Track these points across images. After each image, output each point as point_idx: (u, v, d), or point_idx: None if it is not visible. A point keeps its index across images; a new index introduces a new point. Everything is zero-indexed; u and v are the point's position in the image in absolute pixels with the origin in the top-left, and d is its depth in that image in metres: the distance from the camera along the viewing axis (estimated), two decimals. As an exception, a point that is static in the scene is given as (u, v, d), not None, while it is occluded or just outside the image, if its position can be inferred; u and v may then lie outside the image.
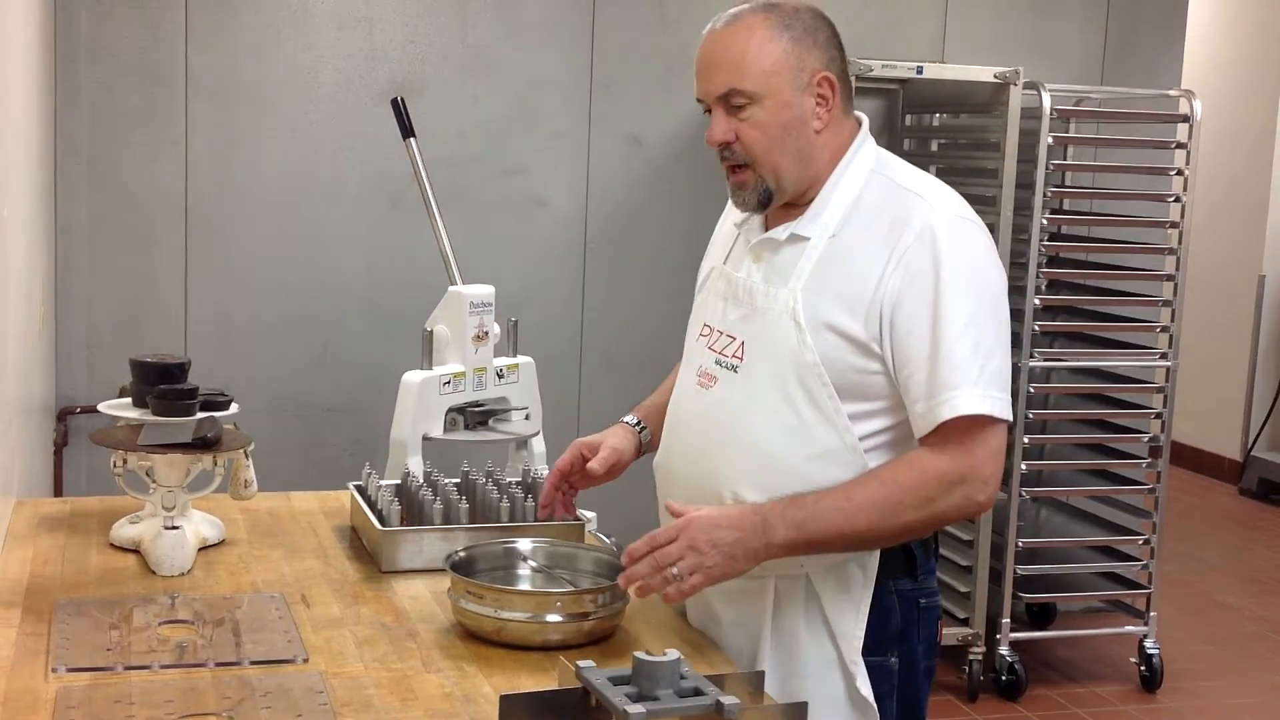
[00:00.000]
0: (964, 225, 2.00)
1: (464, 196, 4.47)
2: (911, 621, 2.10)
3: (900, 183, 2.04)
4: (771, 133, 2.00)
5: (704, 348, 2.13)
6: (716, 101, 2.02)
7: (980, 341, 1.94)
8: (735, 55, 2.00)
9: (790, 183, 2.04)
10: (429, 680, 1.89)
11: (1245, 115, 7.63)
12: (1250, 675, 4.99)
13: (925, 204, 2.00)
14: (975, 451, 1.93)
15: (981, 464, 1.94)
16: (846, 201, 2.03)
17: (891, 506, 1.94)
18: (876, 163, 2.08)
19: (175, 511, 2.33)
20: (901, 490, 1.93)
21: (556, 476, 2.32)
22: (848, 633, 2.05)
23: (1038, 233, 4.42)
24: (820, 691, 2.02)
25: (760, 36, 2.00)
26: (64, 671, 1.83)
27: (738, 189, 2.07)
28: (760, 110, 2.00)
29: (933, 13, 4.93)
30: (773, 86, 1.99)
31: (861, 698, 2.04)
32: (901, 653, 2.10)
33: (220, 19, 4.28)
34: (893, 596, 2.07)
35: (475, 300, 3.17)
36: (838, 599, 2.05)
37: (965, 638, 4.55)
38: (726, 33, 2.02)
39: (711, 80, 2.02)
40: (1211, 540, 6.69)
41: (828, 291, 1.99)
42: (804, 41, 2.02)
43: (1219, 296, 7.65)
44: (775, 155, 2.02)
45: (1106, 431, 4.82)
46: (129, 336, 4.23)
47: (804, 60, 2.01)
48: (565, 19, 4.59)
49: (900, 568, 2.08)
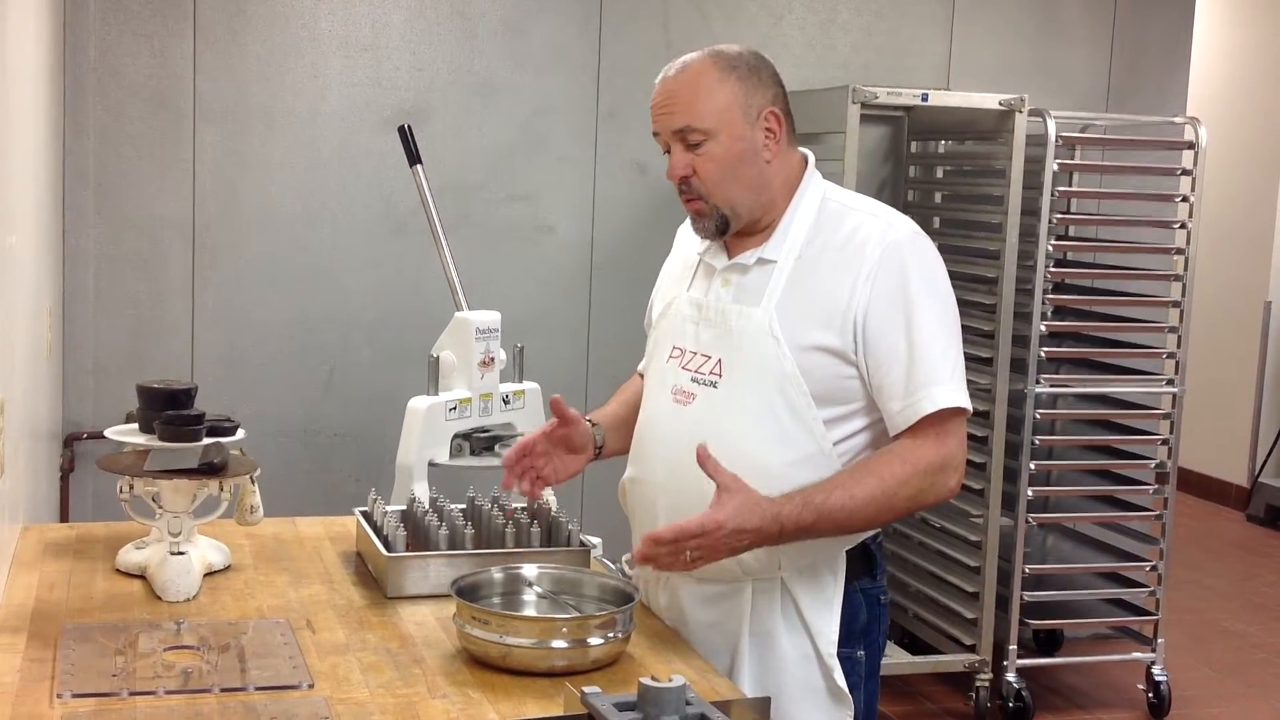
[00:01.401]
0: (921, 240, 2.18)
1: (470, 223, 4.49)
2: (874, 617, 2.27)
3: (853, 206, 2.23)
4: (726, 165, 2.17)
5: (677, 368, 2.27)
6: (674, 139, 2.19)
7: (949, 342, 2.14)
8: (688, 96, 2.17)
9: (745, 209, 2.20)
10: (434, 706, 1.88)
11: (1251, 142, 7.64)
12: (1258, 702, 4.97)
13: (882, 222, 2.18)
14: (949, 441, 2.12)
15: (956, 451, 2.13)
16: (806, 225, 2.20)
17: (888, 499, 2.09)
18: (825, 192, 2.25)
19: (181, 537, 2.33)
20: (896, 483, 2.09)
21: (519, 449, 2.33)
22: (823, 629, 2.20)
23: (1043, 259, 4.43)
24: (799, 685, 2.19)
25: (709, 78, 2.17)
26: (69, 697, 1.83)
27: (696, 217, 2.23)
28: (715, 145, 2.16)
29: (938, 40, 4.95)
30: (724, 122, 2.16)
31: (839, 689, 2.20)
32: (866, 646, 2.26)
33: (228, 46, 4.31)
34: (859, 595, 2.24)
35: (481, 326, 3.18)
36: (812, 598, 2.21)
37: (972, 664, 4.54)
38: (679, 78, 2.19)
39: (668, 119, 2.20)
40: (1218, 567, 6.68)
41: (800, 307, 2.15)
42: (749, 80, 2.18)
43: (1225, 322, 7.65)
44: (729, 185, 2.19)
45: (1113, 458, 4.81)
46: (136, 362, 4.24)
47: (751, 97, 2.18)
48: (571, 46, 4.61)
49: (862, 568, 2.24)
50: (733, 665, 2.21)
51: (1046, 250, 4.43)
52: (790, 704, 2.16)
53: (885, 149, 4.89)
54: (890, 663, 2.27)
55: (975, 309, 4.48)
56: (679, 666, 2.06)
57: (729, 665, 2.21)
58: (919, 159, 4.95)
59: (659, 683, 1.63)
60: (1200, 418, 6.83)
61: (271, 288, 4.40)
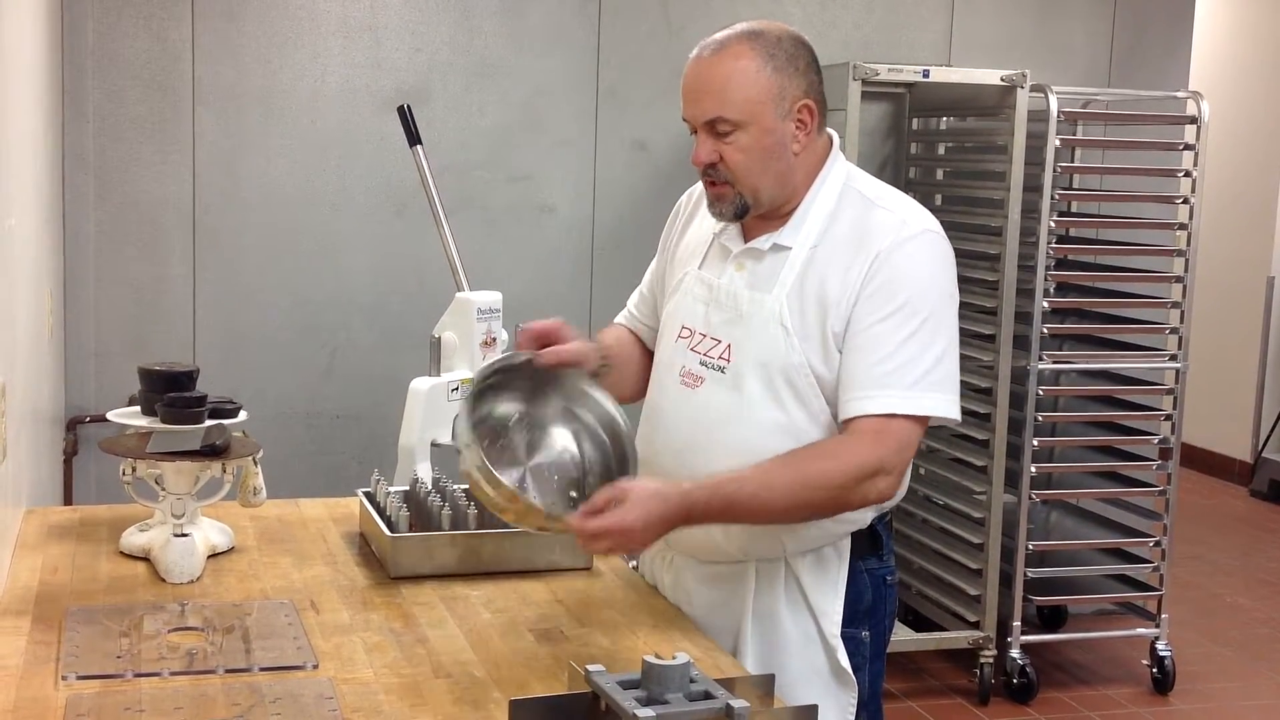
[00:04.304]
0: (929, 239, 2.12)
1: (471, 203, 4.48)
2: (880, 598, 2.24)
3: (873, 198, 2.16)
4: (754, 157, 2.12)
5: (686, 349, 2.23)
6: (702, 125, 2.13)
7: (924, 350, 2.05)
8: (720, 85, 2.09)
9: (767, 199, 2.16)
10: (438, 686, 1.89)
11: (1253, 116, 7.62)
12: (1262, 677, 4.97)
13: (897, 218, 2.12)
14: (888, 443, 2.03)
15: (891, 456, 2.03)
16: (824, 214, 2.15)
17: (808, 494, 2.02)
18: (848, 178, 2.19)
19: (184, 519, 2.33)
20: (820, 478, 2.01)
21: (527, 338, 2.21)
22: (827, 610, 2.18)
23: (1045, 235, 4.42)
24: (802, 666, 2.18)
25: (744, 66, 2.08)
26: (74, 679, 1.84)
27: (716, 200, 2.18)
28: (744, 136, 2.10)
29: (939, 16, 4.93)
30: (755, 115, 2.09)
31: (842, 669, 2.18)
32: (871, 626, 2.23)
33: (226, 29, 4.30)
34: (864, 575, 2.21)
35: (483, 307, 3.17)
36: (816, 579, 2.18)
37: (976, 641, 4.54)
38: (712, 61, 2.10)
39: (698, 106, 2.12)
40: (1222, 542, 6.68)
41: (811, 297, 2.11)
42: (786, 70, 2.11)
43: (1228, 298, 7.64)
44: (755, 177, 2.13)
45: (1116, 434, 4.80)
46: (137, 345, 4.24)
47: (785, 89, 2.11)
48: (570, 26, 4.59)
49: (868, 548, 2.21)
50: (736, 646, 2.20)
51: (1049, 226, 4.43)
52: (793, 685, 2.15)
53: (887, 126, 4.88)
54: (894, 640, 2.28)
55: (978, 285, 4.48)
56: (683, 645, 2.06)
57: (732, 645, 2.20)
58: (920, 136, 4.94)
59: (663, 660, 1.63)
60: (1203, 393, 6.82)
61: (272, 270, 4.40)
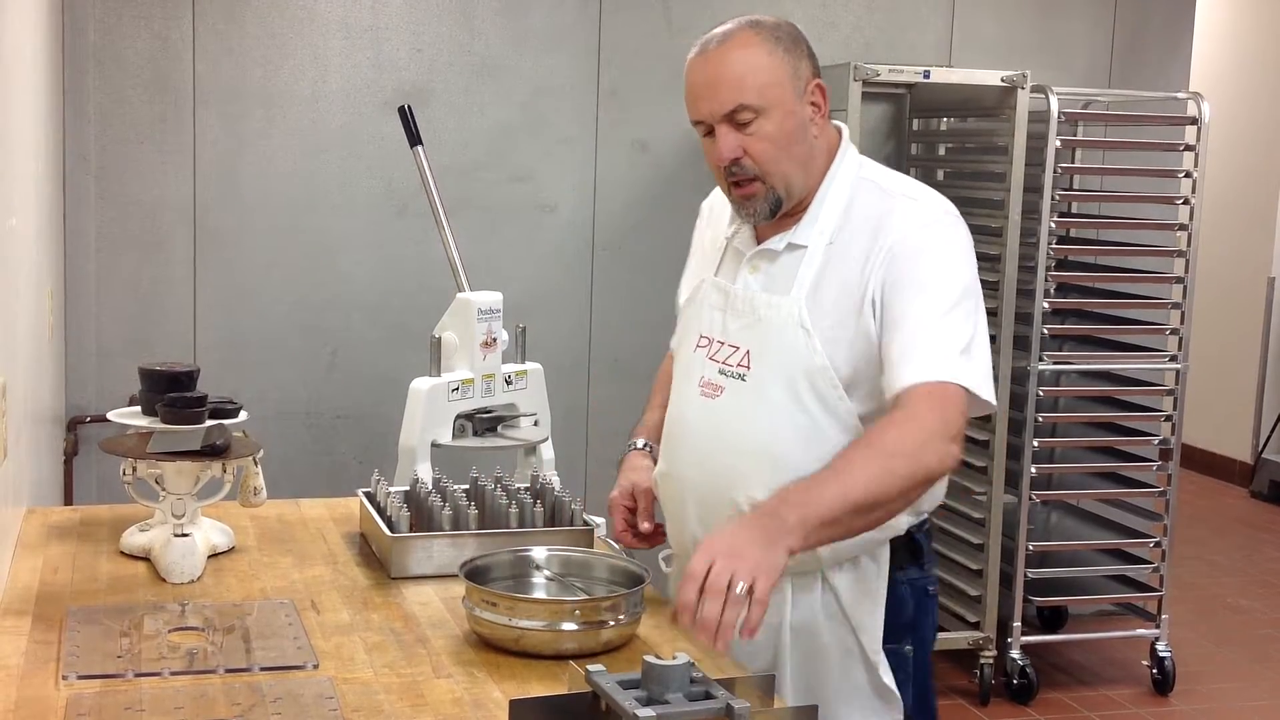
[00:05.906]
0: (948, 221, 2.07)
1: (472, 203, 4.48)
2: (922, 610, 2.16)
3: (887, 188, 2.11)
4: (780, 143, 2.05)
5: (704, 358, 2.16)
6: (722, 120, 2.05)
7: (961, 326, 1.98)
8: (737, 74, 2.03)
9: (797, 189, 2.09)
10: (439, 686, 1.89)
11: (1254, 117, 7.62)
12: (1262, 678, 4.97)
13: (915, 206, 2.07)
14: (947, 407, 1.94)
15: (954, 418, 1.95)
16: (839, 208, 2.08)
17: (889, 464, 1.91)
18: (860, 169, 2.13)
19: (185, 519, 2.33)
20: (895, 443, 1.92)
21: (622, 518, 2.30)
22: (867, 624, 2.09)
23: (1046, 236, 4.42)
24: (844, 684, 2.08)
25: (756, 52, 2.04)
26: (74, 679, 1.83)
27: (746, 201, 2.09)
28: (767, 122, 2.04)
29: (939, 16, 4.93)
30: (777, 98, 2.04)
31: (885, 687, 2.09)
32: (914, 640, 2.15)
33: (227, 29, 4.30)
34: (905, 586, 2.13)
35: (483, 307, 3.17)
36: (854, 592, 2.10)
37: (976, 641, 4.54)
38: (721, 53, 2.05)
39: (716, 99, 2.04)
40: (1222, 543, 6.68)
41: (830, 296, 2.04)
42: (794, 51, 2.07)
43: (1229, 299, 7.63)
44: (784, 164, 2.06)
45: (1116, 434, 4.80)
46: (138, 345, 4.24)
47: (798, 69, 2.06)
48: (572, 26, 4.59)
49: (907, 557, 2.13)
50: (775, 664, 2.11)
51: (1049, 227, 4.43)
52: (834, 703, 2.07)
53: (887, 127, 4.87)
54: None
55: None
56: (683, 644, 2.05)
57: (770, 664, 2.10)
58: (921, 136, 4.94)
59: (663, 660, 1.63)
60: (1204, 394, 6.82)
61: (273, 270, 4.40)
